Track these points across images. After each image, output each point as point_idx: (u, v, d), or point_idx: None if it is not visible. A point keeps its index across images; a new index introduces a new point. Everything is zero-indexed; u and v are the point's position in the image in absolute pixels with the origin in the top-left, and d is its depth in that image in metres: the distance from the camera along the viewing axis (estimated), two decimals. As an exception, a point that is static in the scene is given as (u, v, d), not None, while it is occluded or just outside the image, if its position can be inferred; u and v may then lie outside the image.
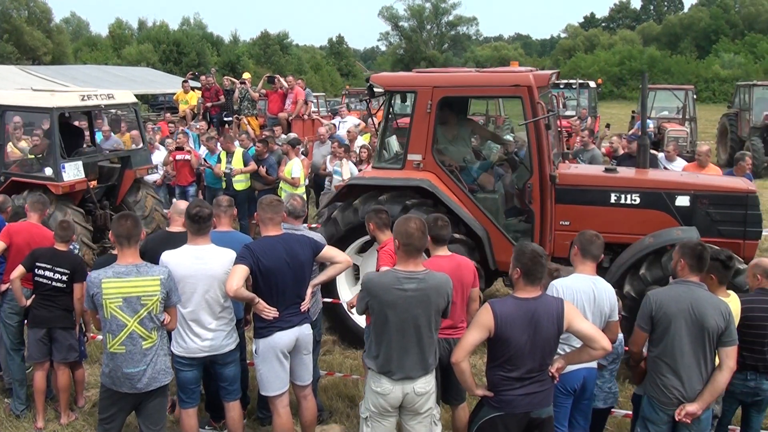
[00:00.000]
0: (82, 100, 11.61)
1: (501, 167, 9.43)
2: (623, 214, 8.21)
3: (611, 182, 8.40)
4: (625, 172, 8.87)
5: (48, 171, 10.95)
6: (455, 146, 9.34)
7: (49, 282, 6.81)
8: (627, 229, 8.15)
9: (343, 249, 7.74)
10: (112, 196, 12.33)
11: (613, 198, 8.25)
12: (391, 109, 9.38)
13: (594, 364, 5.46)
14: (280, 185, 12.63)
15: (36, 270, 6.83)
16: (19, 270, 6.78)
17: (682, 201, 8.08)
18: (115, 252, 6.36)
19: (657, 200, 8.15)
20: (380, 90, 9.09)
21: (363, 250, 8.86)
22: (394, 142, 9.88)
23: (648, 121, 20.34)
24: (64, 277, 6.80)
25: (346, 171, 12.08)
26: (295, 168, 12.36)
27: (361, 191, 8.61)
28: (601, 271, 8.15)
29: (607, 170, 8.87)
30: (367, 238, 8.12)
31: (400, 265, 5.06)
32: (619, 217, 8.21)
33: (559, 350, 5.12)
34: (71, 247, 7.27)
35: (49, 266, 6.81)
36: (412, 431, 5.21)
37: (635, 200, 8.20)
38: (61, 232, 6.99)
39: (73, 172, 11.00)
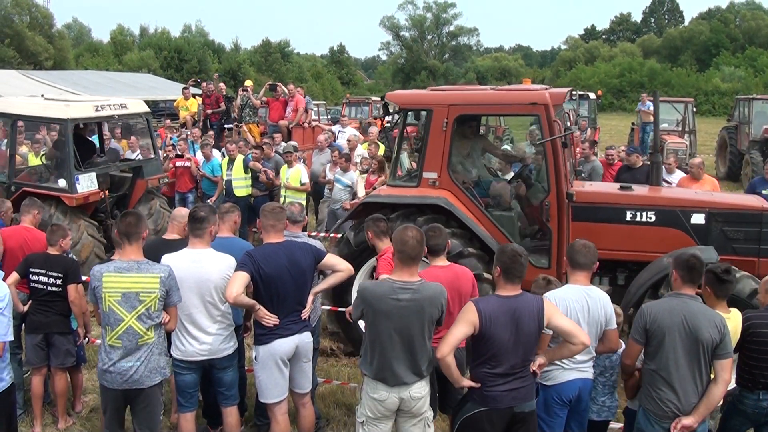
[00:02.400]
0: (96, 110, 11.51)
1: (516, 184, 9.35)
2: (639, 231, 8.21)
3: (627, 200, 8.39)
4: (641, 189, 8.85)
5: (62, 183, 10.90)
6: (470, 163, 9.31)
7: (45, 287, 6.82)
8: (642, 247, 8.15)
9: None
10: (123, 205, 12.20)
11: (628, 216, 8.24)
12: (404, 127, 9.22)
13: (589, 375, 5.46)
14: (283, 192, 12.61)
15: (30, 275, 6.83)
16: (14, 276, 6.77)
17: (698, 219, 8.09)
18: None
19: (672, 218, 8.14)
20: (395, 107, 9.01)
21: None
22: (405, 159, 9.85)
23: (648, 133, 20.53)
24: (59, 281, 6.80)
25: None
26: (303, 174, 12.44)
27: (376, 209, 8.37)
28: (618, 289, 8.17)
29: (622, 188, 8.83)
30: None
31: (396, 274, 5.12)
32: (634, 234, 8.20)
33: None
34: (66, 252, 7.25)
35: (42, 271, 6.81)
36: None
37: (651, 218, 8.20)
38: (51, 236, 6.97)
39: (87, 183, 10.94)
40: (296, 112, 17.53)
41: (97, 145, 13.55)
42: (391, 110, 9.14)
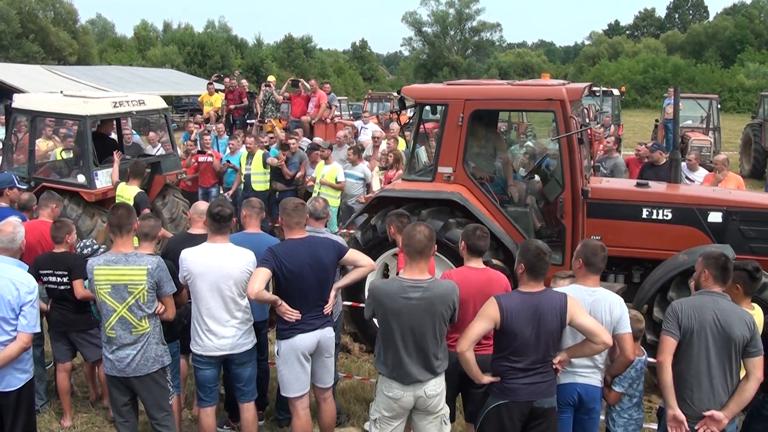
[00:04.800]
0: (114, 107, 11.56)
1: (532, 180, 9.26)
2: (655, 229, 8.09)
3: (643, 197, 8.28)
4: (657, 186, 8.74)
5: (81, 178, 10.98)
6: (485, 158, 9.26)
7: (56, 287, 6.83)
8: (658, 245, 8.05)
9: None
10: None
11: (644, 213, 8.13)
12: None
13: (592, 381, 5.26)
14: (317, 188, 12.54)
15: (41, 278, 6.77)
16: None
17: (715, 217, 7.95)
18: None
19: (689, 216, 8.02)
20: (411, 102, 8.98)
21: None
22: (422, 153, 9.82)
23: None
24: (65, 279, 6.79)
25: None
26: (339, 173, 12.36)
27: (390, 203, 8.39)
28: (632, 286, 8.11)
29: (638, 185, 8.73)
30: None
31: (406, 272, 5.11)
32: (650, 232, 8.10)
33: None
34: (77, 248, 7.19)
35: (50, 271, 6.80)
36: (423, 431, 5.28)
37: (667, 216, 8.07)
38: (55, 232, 6.93)
39: (106, 179, 11.00)
40: (318, 107, 17.56)
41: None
42: (407, 104, 9.11)
